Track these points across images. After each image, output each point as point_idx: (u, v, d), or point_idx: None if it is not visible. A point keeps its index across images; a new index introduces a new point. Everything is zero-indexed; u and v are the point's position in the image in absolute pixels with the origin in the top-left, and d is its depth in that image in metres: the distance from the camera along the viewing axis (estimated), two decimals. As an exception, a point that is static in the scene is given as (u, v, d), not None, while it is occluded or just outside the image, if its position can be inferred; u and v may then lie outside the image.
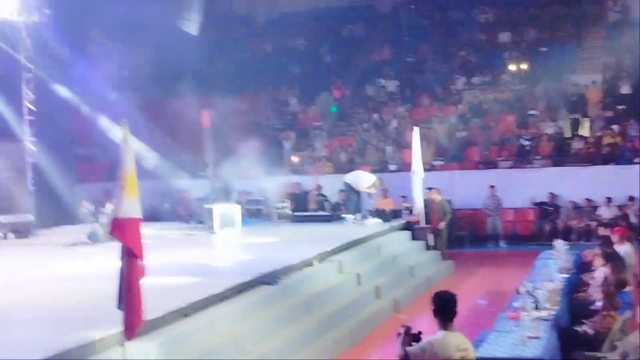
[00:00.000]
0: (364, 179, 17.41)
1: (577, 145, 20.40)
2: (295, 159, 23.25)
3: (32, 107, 18.38)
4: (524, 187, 19.51)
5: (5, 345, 7.21)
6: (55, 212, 18.72)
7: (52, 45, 18.17)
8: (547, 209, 19.30)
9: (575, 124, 21.28)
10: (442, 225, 16.58)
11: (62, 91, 19.45)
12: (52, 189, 18.53)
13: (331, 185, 19.98)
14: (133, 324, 6.51)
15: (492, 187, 19.24)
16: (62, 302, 9.23)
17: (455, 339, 5.40)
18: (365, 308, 11.59)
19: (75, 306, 8.85)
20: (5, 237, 16.33)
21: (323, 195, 19.99)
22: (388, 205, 18.67)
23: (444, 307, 5.49)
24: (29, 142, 18.56)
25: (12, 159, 18.90)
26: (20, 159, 18.73)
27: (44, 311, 8.73)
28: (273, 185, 20.50)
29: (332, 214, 18.67)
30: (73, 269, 11.92)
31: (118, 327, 6.63)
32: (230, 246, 14.27)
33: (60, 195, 18.92)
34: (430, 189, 16.90)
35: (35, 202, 17.86)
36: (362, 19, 28.64)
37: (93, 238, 14.92)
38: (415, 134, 17.59)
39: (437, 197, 16.79)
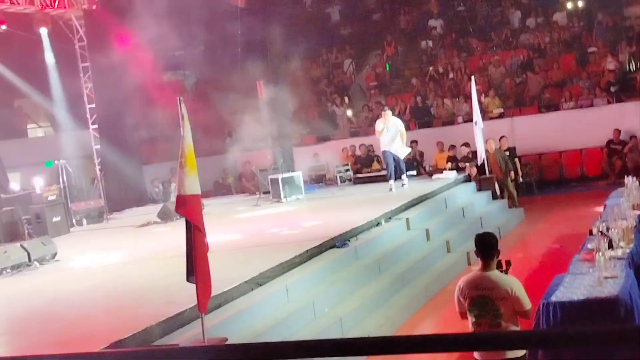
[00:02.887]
0: (403, 150, 16.20)
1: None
2: (352, 120, 23.17)
3: (91, 95, 18.84)
4: (588, 127, 19.04)
5: (93, 324, 7.49)
6: (125, 195, 19.16)
7: (104, 31, 18.44)
8: (615, 147, 18.82)
9: (636, 58, 20.59)
10: (512, 175, 16.62)
11: (120, 76, 19.79)
12: (120, 173, 18.95)
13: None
14: (205, 297, 6.65)
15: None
16: (141, 281, 9.50)
17: (479, 278, 5.59)
18: (437, 263, 11.59)
19: (154, 284, 9.10)
20: (80, 224, 16.82)
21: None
22: (445, 158, 18.47)
23: (482, 247, 5.73)
24: (93, 130, 19.02)
25: (79, 147, 19.42)
26: (87, 147, 19.22)
27: (127, 290, 9.01)
28: (334, 149, 20.54)
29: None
30: (148, 248, 12.22)
31: (194, 301, 6.79)
32: (296, 213, 14.39)
33: (128, 178, 19.32)
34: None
35: (105, 187, 18.32)
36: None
37: (164, 217, 15.24)
38: (473, 84, 17.33)
39: (491, 147, 16.67)
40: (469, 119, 18.44)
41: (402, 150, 16.02)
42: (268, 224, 13.13)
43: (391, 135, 15.68)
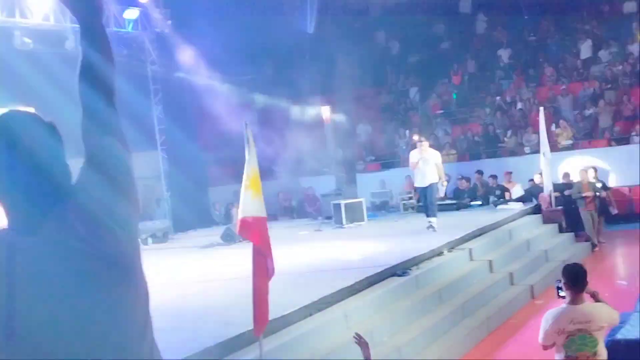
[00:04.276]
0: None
1: None
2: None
3: (161, 117, 19.25)
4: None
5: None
6: (190, 216, 19.45)
7: (175, 53, 18.86)
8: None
9: None
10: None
11: (188, 97, 20.20)
12: (186, 194, 19.25)
13: (455, 173, 19.73)
14: (261, 321, 6.65)
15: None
16: (201, 301, 9.59)
17: (572, 312, 5.40)
18: (499, 295, 11.36)
19: (214, 304, 9.16)
20: (145, 243, 17.12)
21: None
22: (514, 190, 18.21)
23: (573, 279, 5.50)
24: (161, 150, 19.41)
25: (147, 167, 19.82)
26: (155, 167, 19.61)
27: (188, 310, 9.09)
28: (398, 176, 20.46)
29: (459, 202, 18.41)
30: (209, 270, 12.35)
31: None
32: (358, 239, 14.35)
33: (194, 200, 19.61)
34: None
35: (170, 208, 18.62)
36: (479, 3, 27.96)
37: (227, 239, 15.39)
38: (541, 114, 17.08)
39: (586, 176, 16.16)
40: (536, 149, 18.16)
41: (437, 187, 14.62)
42: (329, 249, 13.12)
43: (427, 168, 14.21)
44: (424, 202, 14.67)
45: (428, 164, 14.20)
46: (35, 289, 1.98)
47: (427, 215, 14.32)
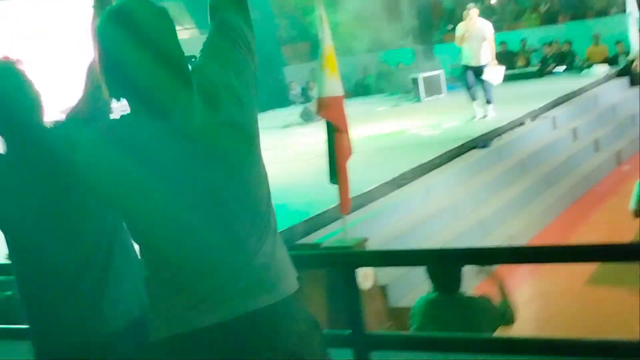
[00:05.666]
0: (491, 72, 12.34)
1: None
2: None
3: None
4: None
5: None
6: (266, 96, 19.52)
7: None
8: None
9: None
10: None
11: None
12: (261, 74, 19.23)
13: (538, 38, 19.03)
14: (346, 198, 6.73)
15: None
16: (283, 181, 9.75)
17: None
18: (584, 163, 11.15)
19: (296, 184, 9.30)
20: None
21: (527, 51, 19.12)
22: (601, 53, 17.46)
23: None
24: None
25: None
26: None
27: (272, 190, 9.26)
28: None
29: (541, 69, 17.84)
30: (290, 149, 12.46)
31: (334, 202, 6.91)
32: (437, 113, 14.16)
33: (270, 80, 19.60)
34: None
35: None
36: None
37: (306, 117, 15.44)
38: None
39: None
40: (623, 9, 17.26)
41: (490, 73, 12.19)
42: (407, 124, 13.02)
43: (475, 45, 12.08)
44: (470, 85, 12.36)
45: (476, 39, 12.03)
46: (171, 171, 2.09)
47: (474, 99, 12.31)
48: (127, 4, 2.12)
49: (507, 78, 17.50)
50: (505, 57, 19.16)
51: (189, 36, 24.19)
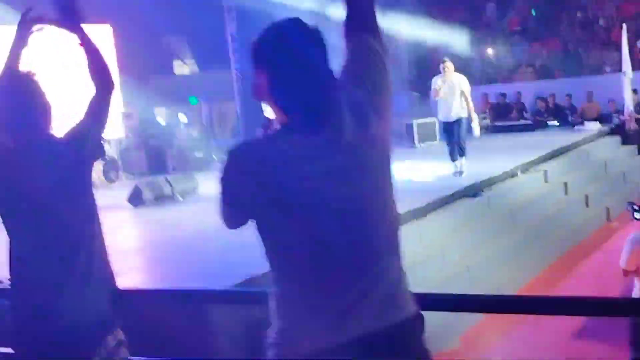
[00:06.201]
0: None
1: None
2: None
3: (234, 36, 19.24)
4: None
5: (231, 257, 7.75)
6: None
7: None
8: None
9: None
10: None
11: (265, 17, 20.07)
12: (261, 112, 19.29)
13: (533, 92, 19.27)
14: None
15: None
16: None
17: None
18: (574, 218, 11.24)
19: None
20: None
21: (522, 104, 19.36)
22: (594, 110, 17.69)
23: None
24: (235, 70, 19.48)
25: (220, 87, 19.95)
26: (229, 87, 19.72)
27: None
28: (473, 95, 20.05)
29: (535, 122, 18.04)
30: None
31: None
32: (430, 160, 14.24)
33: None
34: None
35: (242, 127, 18.80)
36: None
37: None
38: (624, 31, 16.38)
39: None
40: (618, 68, 17.51)
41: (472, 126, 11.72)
42: (400, 170, 13.01)
43: (452, 99, 11.49)
44: (448, 140, 11.77)
45: (453, 93, 11.46)
46: (324, 183, 2.16)
47: (452, 159, 11.65)
48: (295, 22, 2.24)
49: (502, 129, 17.80)
50: (502, 109, 19.44)
51: (189, 72, 24.46)
